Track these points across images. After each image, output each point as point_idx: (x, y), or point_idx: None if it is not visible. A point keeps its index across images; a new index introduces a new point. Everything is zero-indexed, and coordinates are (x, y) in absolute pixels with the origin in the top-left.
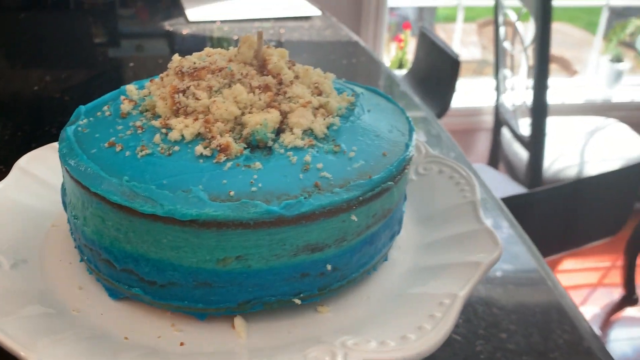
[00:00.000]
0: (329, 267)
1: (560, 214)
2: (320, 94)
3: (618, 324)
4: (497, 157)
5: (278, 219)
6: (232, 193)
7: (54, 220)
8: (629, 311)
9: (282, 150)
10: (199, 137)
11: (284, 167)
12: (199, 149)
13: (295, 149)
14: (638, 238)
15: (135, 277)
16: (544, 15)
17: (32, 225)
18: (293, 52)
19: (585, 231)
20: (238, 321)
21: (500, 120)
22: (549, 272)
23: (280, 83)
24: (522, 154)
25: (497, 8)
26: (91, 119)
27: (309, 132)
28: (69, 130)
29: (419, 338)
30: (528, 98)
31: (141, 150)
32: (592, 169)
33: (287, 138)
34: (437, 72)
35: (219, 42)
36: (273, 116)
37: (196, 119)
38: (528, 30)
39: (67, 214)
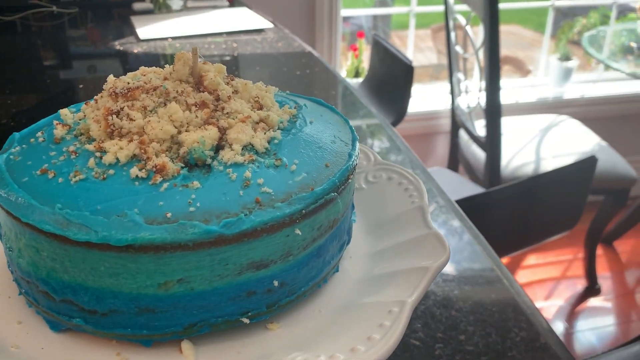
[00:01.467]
0: (275, 283)
1: (517, 212)
2: (260, 108)
3: (583, 314)
4: (456, 159)
5: (218, 238)
6: (169, 215)
7: None
8: (593, 301)
9: (221, 168)
10: (134, 158)
11: (223, 184)
12: (134, 171)
13: (235, 165)
14: (596, 230)
15: (75, 307)
16: (491, 19)
17: None
18: (246, 65)
19: (544, 226)
20: (185, 345)
21: (457, 122)
22: (505, 271)
23: (217, 99)
24: (479, 154)
25: (447, 13)
26: (24, 146)
27: (249, 147)
28: (0, 159)
29: (369, 349)
30: (482, 100)
31: (75, 176)
32: (548, 165)
33: (226, 154)
34: (392, 78)
35: (172, 59)
36: (211, 133)
37: (131, 140)
38: (478, 33)
39: (2, 245)
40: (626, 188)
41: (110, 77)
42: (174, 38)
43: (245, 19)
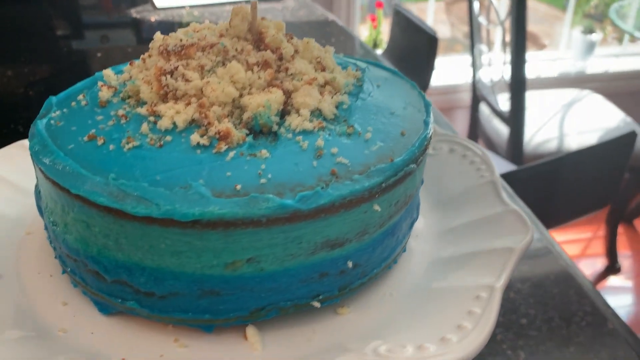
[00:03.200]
0: (350, 264)
1: (548, 189)
2: (323, 70)
3: (603, 293)
4: (476, 134)
5: (293, 213)
6: (238, 187)
7: (28, 228)
8: (613, 280)
9: (289, 135)
10: (193, 124)
11: (294, 154)
12: (195, 137)
13: (304, 132)
14: (618, 208)
15: (129, 289)
16: None
17: (4, 235)
18: None
19: (579, 204)
20: (251, 331)
21: (477, 96)
22: (559, 249)
23: (280, 59)
24: (501, 129)
25: None
26: (65, 110)
27: (316, 112)
28: (40, 124)
29: (462, 339)
30: (506, 73)
31: (127, 143)
32: (572, 142)
33: (294, 121)
34: (414, 50)
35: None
36: (276, 96)
37: (188, 104)
38: (501, 4)
39: (44, 220)
40: None
41: (157, 34)
42: (191, 6)
43: None
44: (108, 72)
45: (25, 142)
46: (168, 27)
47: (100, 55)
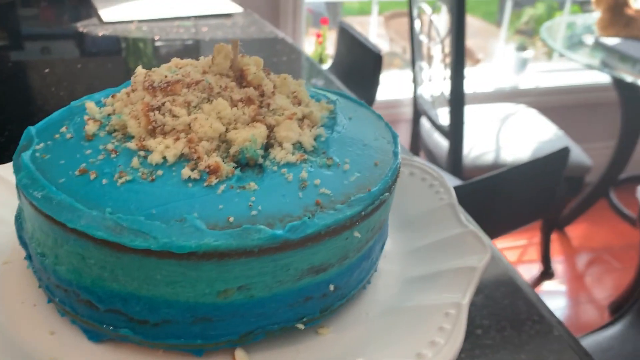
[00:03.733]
0: (331, 287)
1: (491, 203)
2: (299, 104)
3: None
4: (417, 147)
5: (283, 243)
6: (231, 219)
7: (6, 257)
8: (548, 285)
9: (274, 167)
10: (182, 158)
11: (281, 185)
12: (186, 171)
13: (288, 164)
14: (552, 217)
15: (123, 317)
16: (458, 8)
17: None
18: None
19: (515, 217)
20: (239, 354)
21: (419, 111)
22: (509, 266)
23: (262, 95)
24: (442, 142)
25: (411, 2)
26: (49, 142)
27: (297, 145)
28: (25, 156)
29: (436, 354)
30: (445, 88)
31: (120, 177)
32: (508, 154)
33: (278, 154)
34: (360, 66)
35: (135, 43)
36: (260, 131)
37: (177, 139)
38: (440, 21)
39: (29, 250)
40: (581, 175)
41: (139, 69)
42: (140, 21)
43: (213, 2)
44: (91, 105)
45: None
46: (111, 41)
47: (46, 70)
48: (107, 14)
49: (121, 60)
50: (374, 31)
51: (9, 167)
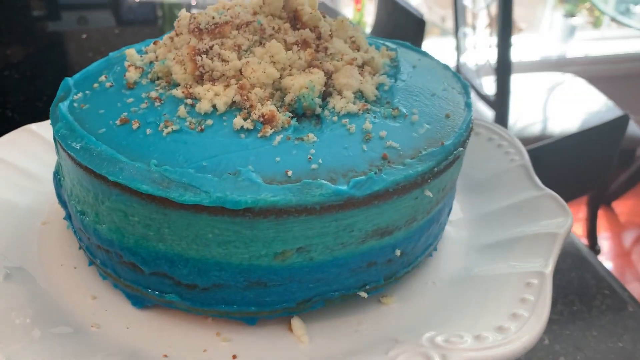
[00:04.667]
0: (398, 252)
1: (550, 171)
2: (358, 50)
3: None
4: None
5: (347, 200)
6: (289, 173)
7: (45, 218)
8: None
9: (334, 118)
10: (233, 107)
11: (342, 137)
12: (238, 121)
13: (349, 115)
14: (599, 192)
15: (169, 282)
16: None
17: (19, 226)
18: None
19: (574, 185)
20: (296, 323)
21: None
22: (573, 237)
23: (318, 37)
24: (486, 113)
25: None
26: (87, 92)
27: (358, 94)
28: (63, 106)
29: (520, 327)
30: (491, 56)
31: (165, 127)
32: (555, 125)
33: (337, 103)
34: (401, 32)
35: (171, 10)
36: (318, 77)
37: (227, 85)
38: None
39: (68, 209)
40: (632, 148)
41: (183, 12)
42: None
43: None
44: (131, 52)
45: (31, 127)
46: (146, 9)
47: (85, 37)
48: None
49: (157, 28)
50: (412, 0)
51: (46, 124)
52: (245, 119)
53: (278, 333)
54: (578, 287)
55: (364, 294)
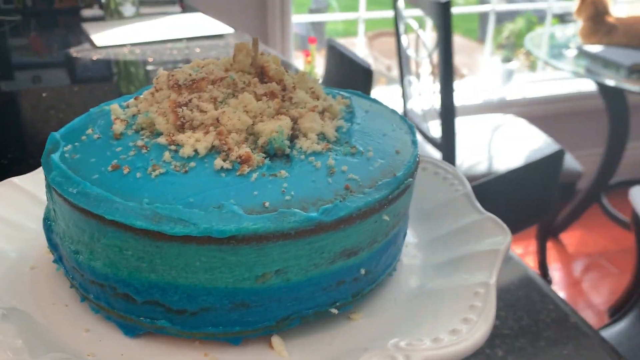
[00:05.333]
0: (362, 271)
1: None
2: (318, 99)
3: None
4: None
5: (317, 225)
6: (266, 204)
7: (33, 263)
8: None
9: (302, 157)
10: (213, 150)
11: (310, 172)
12: (218, 162)
13: (315, 153)
14: (546, 225)
15: (160, 309)
16: (445, 23)
17: (9, 271)
18: None
19: (515, 220)
20: (276, 340)
21: None
22: (519, 261)
23: (283, 89)
24: (434, 154)
25: (397, 18)
26: (76, 144)
27: (321, 136)
28: (55, 157)
29: (470, 329)
30: (435, 101)
31: (154, 170)
32: (500, 163)
33: (304, 144)
34: (350, 81)
35: (127, 67)
36: (286, 122)
37: (207, 132)
38: (427, 37)
39: (59, 252)
40: (573, 182)
41: (161, 70)
42: (133, 44)
43: (203, 24)
44: (115, 107)
45: (13, 180)
46: (102, 65)
47: (45, 95)
48: (99, 38)
49: (113, 84)
50: (359, 52)
51: (25, 178)
52: (224, 160)
53: (261, 351)
54: (526, 304)
55: (334, 310)
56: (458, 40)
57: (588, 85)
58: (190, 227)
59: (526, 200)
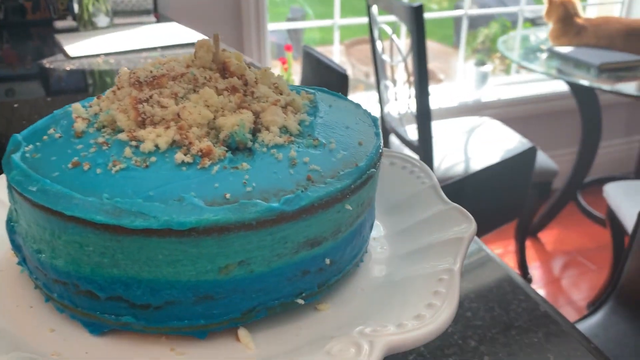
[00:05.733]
0: (327, 261)
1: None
2: (281, 94)
3: None
4: None
5: (279, 215)
6: (227, 195)
7: None
8: None
9: (264, 149)
10: (173, 145)
11: (272, 164)
12: (179, 156)
13: (277, 146)
14: (524, 224)
15: (124, 304)
16: (418, 28)
17: None
18: None
19: (490, 219)
20: (242, 332)
21: (387, 129)
22: (491, 253)
23: (245, 84)
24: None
25: (371, 24)
26: (38, 144)
27: (283, 129)
28: (15, 157)
29: (434, 314)
30: (412, 105)
31: (114, 166)
32: (477, 164)
33: (266, 137)
34: (327, 87)
35: (101, 76)
36: (247, 116)
37: (167, 127)
38: (401, 43)
39: (22, 253)
40: (548, 180)
41: (123, 69)
42: (107, 54)
43: (177, 33)
44: (77, 106)
45: None
46: (77, 76)
47: (17, 106)
48: (73, 49)
49: (87, 94)
50: (337, 59)
51: None
52: (185, 154)
53: (227, 344)
54: (497, 295)
55: (301, 301)
56: (434, 46)
57: (560, 86)
58: (150, 220)
59: (501, 197)
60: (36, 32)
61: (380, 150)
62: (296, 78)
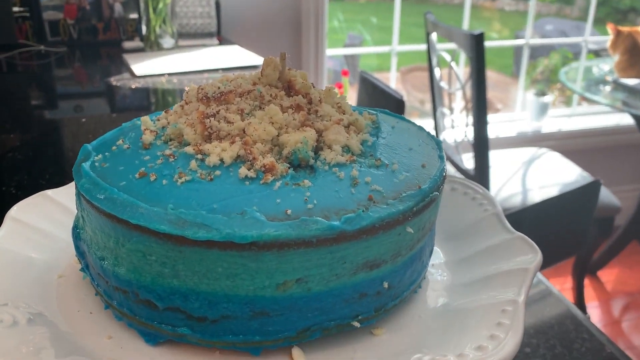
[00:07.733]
0: (385, 284)
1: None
2: (344, 113)
3: None
4: None
5: (339, 234)
6: (289, 212)
7: (61, 271)
8: None
9: (326, 167)
10: (238, 160)
11: (333, 183)
12: (243, 171)
13: (339, 165)
14: (583, 260)
15: (181, 316)
16: (478, 56)
17: (38, 279)
18: None
19: (551, 252)
20: (296, 352)
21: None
22: (551, 287)
23: (309, 102)
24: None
25: (430, 51)
26: (107, 154)
27: (345, 148)
28: (85, 166)
29: (497, 346)
30: (469, 134)
31: (180, 178)
32: (535, 195)
33: (328, 155)
34: None
35: (164, 95)
36: (311, 134)
37: (233, 142)
38: (460, 70)
39: (85, 260)
40: (611, 216)
41: (191, 85)
42: (170, 74)
43: (239, 56)
44: (146, 119)
45: (47, 192)
46: (140, 94)
47: (84, 121)
48: (139, 68)
49: (150, 112)
50: (393, 85)
51: (58, 190)
52: (249, 169)
53: None
54: (558, 332)
55: (357, 324)
56: (493, 75)
57: (625, 119)
58: (212, 232)
59: (561, 231)
60: (105, 51)
61: (444, 174)
62: (352, 103)
